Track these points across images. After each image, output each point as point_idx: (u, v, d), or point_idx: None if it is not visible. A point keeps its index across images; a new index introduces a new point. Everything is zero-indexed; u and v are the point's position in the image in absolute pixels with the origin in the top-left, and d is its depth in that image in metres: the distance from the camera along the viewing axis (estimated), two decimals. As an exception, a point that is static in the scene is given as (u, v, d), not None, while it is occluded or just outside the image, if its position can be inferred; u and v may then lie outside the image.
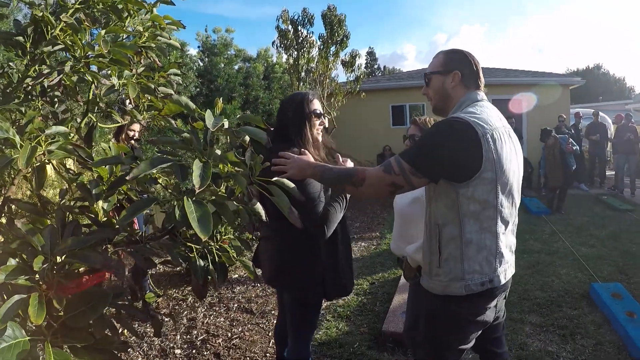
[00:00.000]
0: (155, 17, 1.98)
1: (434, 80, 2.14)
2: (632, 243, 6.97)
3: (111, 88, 1.80)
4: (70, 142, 1.50)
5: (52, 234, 1.22)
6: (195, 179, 1.06)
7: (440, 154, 1.84)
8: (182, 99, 1.28)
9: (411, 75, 16.40)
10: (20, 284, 1.07)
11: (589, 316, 4.39)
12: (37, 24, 1.66)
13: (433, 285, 2.00)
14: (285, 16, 9.93)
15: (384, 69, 54.37)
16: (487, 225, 1.92)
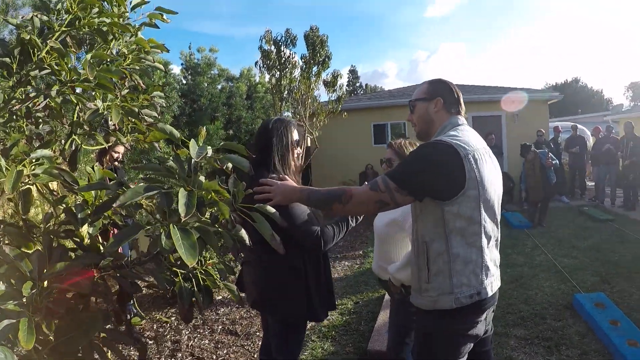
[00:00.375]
0: (139, 41, 2.00)
1: (419, 107, 2.27)
2: (614, 252, 7.09)
3: (96, 111, 1.84)
4: (55, 165, 1.52)
5: (39, 258, 1.24)
6: (181, 208, 1.09)
7: (424, 173, 1.95)
8: (166, 127, 1.30)
9: (392, 94, 16.63)
10: (9, 309, 1.09)
11: (573, 327, 4.46)
12: (23, 46, 1.68)
13: (423, 301, 2.06)
14: (269, 37, 10.02)
15: (366, 87, 54.76)
16: (472, 240, 2.00)
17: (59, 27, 1.74)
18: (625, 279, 5.81)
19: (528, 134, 12.24)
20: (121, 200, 1.12)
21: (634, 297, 5.19)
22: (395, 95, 15.91)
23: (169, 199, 1.21)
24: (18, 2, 5.91)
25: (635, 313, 4.65)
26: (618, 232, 8.50)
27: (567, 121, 22.75)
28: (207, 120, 9.69)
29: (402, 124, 14.27)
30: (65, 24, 1.75)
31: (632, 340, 3.83)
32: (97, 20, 1.82)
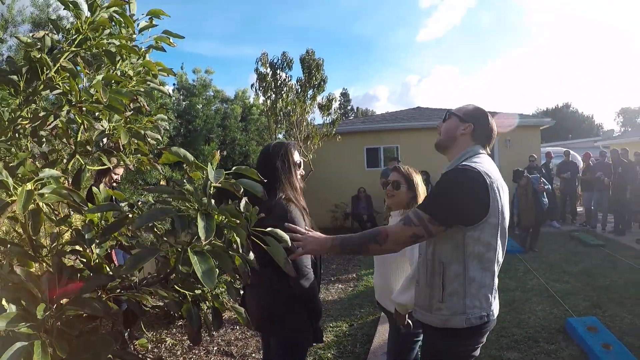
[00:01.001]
0: (147, 64, 2.01)
1: (451, 120, 2.34)
2: (605, 277, 7.14)
3: (102, 132, 1.85)
4: (63, 186, 1.52)
5: (50, 280, 1.24)
6: (201, 232, 1.10)
7: (455, 201, 2.02)
8: (180, 150, 1.31)
9: (385, 118, 16.76)
10: (22, 332, 1.08)
11: (566, 350, 4.49)
12: (31, 64, 1.68)
13: (433, 319, 2.14)
14: (265, 59, 10.05)
15: (357, 110, 55.16)
16: (487, 265, 2.10)
17: (68, 47, 1.75)
18: (617, 304, 5.86)
19: (520, 159, 12.35)
20: (138, 222, 1.13)
21: (625, 321, 5.24)
22: (388, 120, 16.05)
23: (183, 222, 1.22)
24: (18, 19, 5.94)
25: (627, 337, 4.70)
26: (609, 257, 8.56)
27: (557, 146, 23.03)
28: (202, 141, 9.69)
29: (394, 148, 14.36)
30: (75, 44, 1.76)
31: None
32: (106, 42, 1.83)
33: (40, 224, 1.38)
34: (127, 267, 1.15)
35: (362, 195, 12.86)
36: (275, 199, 2.36)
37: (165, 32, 2.01)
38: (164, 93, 2.23)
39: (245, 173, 1.43)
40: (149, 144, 2.06)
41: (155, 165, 2.17)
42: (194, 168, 1.33)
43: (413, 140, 13.83)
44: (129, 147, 2.02)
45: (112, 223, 1.54)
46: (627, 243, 9.90)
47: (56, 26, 1.86)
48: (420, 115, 16.01)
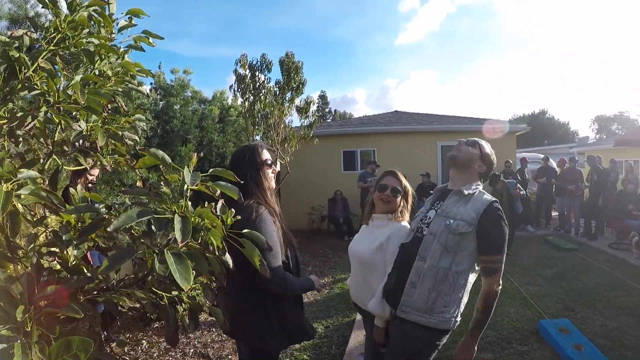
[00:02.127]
0: (126, 64, 2.00)
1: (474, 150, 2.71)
2: (577, 280, 7.30)
3: (80, 133, 1.84)
4: (42, 187, 1.52)
5: (29, 281, 1.24)
6: (177, 234, 1.12)
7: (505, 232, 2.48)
8: (158, 152, 1.33)
9: (362, 122, 16.79)
10: (1, 334, 1.08)
11: (538, 351, 4.59)
12: (9, 63, 1.66)
13: (432, 320, 2.43)
14: (244, 61, 10.00)
15: (335, 113, 55.19)
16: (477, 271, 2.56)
17: (47, 46, 1.74)
18: (588, 306, 6.00)
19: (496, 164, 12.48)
20: (115, 224, 1.14)
21: (596, 323, 5.37)
22: (365, 123, 16.08)
23: (160, 224, 1.24)
24: (-5, 15, 5.86)
25: (598, 338, 4.83)
26: (581, 261, 8.74)
27: (533, 152, 23.32)
28: (179, 142, 9.61)
29: (371, 151, 14.42)
30: (54, 42, 1.75)
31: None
32: (85, 41, 1.83)
33: (19, 225, 1.38)
34: (105, 267, 1.16)
35: (339, 198, 12.91)
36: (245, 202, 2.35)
37: (145, 32, 2.00)
38: (142, 93, 2.23)
39: (222, 175, 1.45)
40: (126, 145, 2.06)
41: (132, 167, 2.18)
42: (171, 170, 1.35)
43: (390, 143, 13.92)
44: (107, 148, 2.02)
45: (89, 224, 1.54)
46: (599, 247, 10.13)
47: (34, 24, 1.85)
48: (397, 120, 16.10)
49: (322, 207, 13.48)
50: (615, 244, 10.08)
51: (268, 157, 2.58)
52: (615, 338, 4.89)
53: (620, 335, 4.96)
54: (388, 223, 2.92)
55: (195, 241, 1.25)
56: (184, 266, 1.13)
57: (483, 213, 2.44)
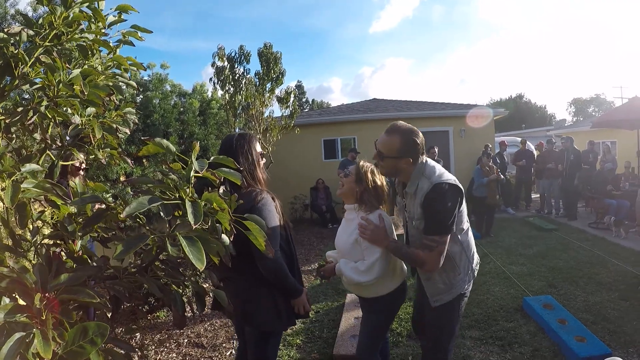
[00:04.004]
0: (118, 58, 2.03)
1: (387, 161, 2.66)
2: (559, 259, 7.49)
3: (76, 126, 1.87)
4: (47, 180, 1.55)
5: (41, 271, 1.28)
6: (190, 217, 1.17)
7: (453, 214, 2.52)
8: (163, 142, 1.37)
9: (342, 110, 16.87)
10: (21, 321, 1.12)
11: (524, 327, 4.74)
12: (4, 59, 1.68)
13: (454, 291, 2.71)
14: (222, 53, 9.95)
15: (312, 102, 54.97)
16: (467, 227, 2.75)
17: (42, 42, 1.76)
18: (570, 283, 6.18)
19: (475, 149, 12.67)
20: (127, 210, 1.19)
21: (578, 299, 5.54)
22: (345, 111, 16.18)
23: (168, 210, 1.28)
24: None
25: (581, 313, 4.99)
26: (562, 240, 8.95)
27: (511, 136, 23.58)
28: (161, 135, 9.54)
29: (352, 139, 14.53)
30: (50, 38, 1.78)
31: (579, 336, 4.15)
32: (78, 36, 1.85)
33: (28, 217, 1.41)
34: (120, 252, 1.20)
35: (321, 187, 12.99)
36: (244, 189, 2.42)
37: (134, 26, 2.03)
38: (132, 87, 2.25)
39: (224, 162, 1.50)
40: (117, 138, 2.09)
41: (125, 159, 2.21)
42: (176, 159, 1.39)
43: (370, 131, 13.96)
44: (101, 141, 2.04)
45: (93, 215, 1.58)
46: (579, 227, 10.37)
47: (28, 21, 1.86)
48: (376, 107, 16.19)
49: (305, 196, 13.55)
50: (595, 223, 10.31)
51: (259, 149, 2.68)
52: (597, 312, 5.05)
53: (602, 310, 5.12)
54: (357, 215, 2.95)
55: (206, 224, 1.30)
56: (197, 248, 1.19)
57: (422, 203, 2.55)
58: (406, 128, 2.63)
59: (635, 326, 4.63)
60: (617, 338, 4.39)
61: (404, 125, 2.65)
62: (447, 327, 2.80)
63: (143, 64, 2.19)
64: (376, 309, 3.03)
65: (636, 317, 4.85)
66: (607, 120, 12.91)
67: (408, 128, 2.64)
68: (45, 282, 1.25)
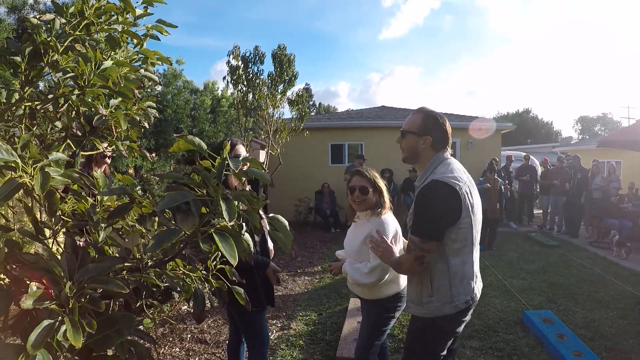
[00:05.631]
0: (145, 52, 2.04)
1: (408, 138, 2.57)
2: (559, 275, 7.53)
3: (101, 117, 1.88)
4: (74, 170, 1.56)
5: (69, 260, 1.28)
6: (225, 214, 1.18)
7: (434, 217, 2.32)
8: (195, 139, 1.38)
9: (350, 116, 16.88)
10: (51, 309, 1.13)
11: (523, 339, 4.77)
12: (35, 45, 1.69)
13: (425, 311, 2.44)
14: (237, 52, 10.00)
15: (320, 106, 55.01)
16: (466, 258, 2.42)
17: (72, 32, 1.77)
18: (569, 299, 6.22)
19: (481, 161, 12.63)
20: (161, 204, 1.20)
21: (577, 315, 5.58)
22: (354, 117, 16.18)
23: (198, 206, 1.30)
24: (-6, 1, 5.80)
25: (579, 329, 5.03)
26: (563, 257, 8.98)
27: (516, 150, 23.57)
28: (172, 131, 9.59)
29: (359, 145, 14.52)
30: (80, 28, 1.78)
31: (577, 351, 4.18)
32: (107, 27, 1.86)
33: (57, 204, 1.41)
34: (152, 245, 1.22)
35: (326, 191, 13.02)
36: None
37: (159, 21, 2.03)
38: (154, 81, 2.26)
39: (251, 163, 1.51)
40: (137, 131, 2.10)
41: (145, 153, 2.22)
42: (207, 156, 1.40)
43: (377, 138, 14.02)
44: (125, 133, 2.05)
45: (118, 208, 1.58)
46: (580, 244, 10.40)
47: (59, 10, 1.87)
48: (385, 114, 16.18)
49: (309, 199, 13.56)
50: (596, 242, 10.32)
51: (241, 153, 2.99)
52: (595, 329, 5.11)
53: (600, 327, 5.17)
54: (369, 220, 3.11)
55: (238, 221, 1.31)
56: (229, 244, 1.20)
57: (415, 198, 2.44)
58: (432, 110, 2.59)
59: (632, 344, 4.69)
60: (614, 355, 4.46)
61: (431, 108, 2.61)
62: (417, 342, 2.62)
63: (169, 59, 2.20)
64: (374, 312, 3.15)
65: (633, 336, 4.92)
66: (613, 140, 12.88)
67: (434, 111, 2.59)
68: (73, 271, 1.26)
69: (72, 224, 1.66)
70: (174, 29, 2.08)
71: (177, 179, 1.43)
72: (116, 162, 6.60)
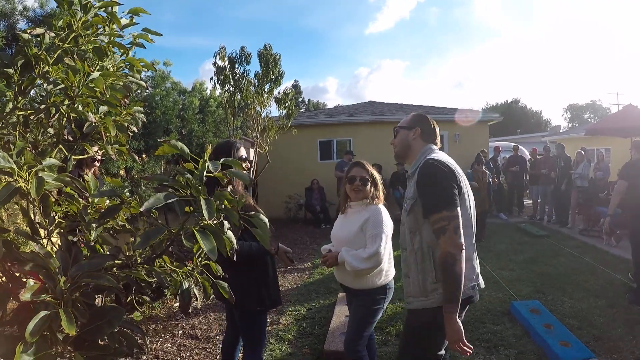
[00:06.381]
0: (131, 60, 2.15)
1: (401, 133, 2.73)
2: (548, 265, 7.64)
3: (90, 124, 1.99)
4: (66, 174, 1.67)
5: (62, 257, 1.40)
6: (205, 212, 1.30)
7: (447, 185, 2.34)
8: (178, 144, 1.48)
9: (338, 112, 17.06)
10: (47, 301, 1.24)
11: (510, 330, 4.87)
12: (27, 58, 1.79)
13: (432, 300, 2.38)
14: (223, 53, 10.09)
15: (309, 102, 54.88)
16: (469, 240, 2.43)
17: (61, 44, 1.87)
18: (558, 289, 6.31)
19: (469, 153, 12.76)
20: (146, 205, 1.30)
21: (566, 305, 5.68)
22: (341, 113, 16.35)
23: (182, 206, 1.41)
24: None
25: (568, 319, 5.12)
26: (553, 246, 9.13)
27: (506, 141, 23.70)
28: (161, 132, 9.65)
29: (347, 141, 14.67)
30: (69, 40, 1.89)
31: (564, 341, 4.27)
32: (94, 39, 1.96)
33: (50, 207, 1.53)
34: (139, 243, 1.32)
35: (316, 187, 13.18)
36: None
37: (145, 29, 2.13)
38: (142, 87, 2.36)
39: (232, 164, 1.62)
40: (126, 135, 2.21)
41: (133, 156, 2.33)
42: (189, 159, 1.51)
43: (366, 133, 14.18)
44: (114, 138, 2.16)
45: (108, 208, 1.69)
46: (570, 234, 10.57)
47: (49, 24, 1.96)
48: (372, 109, 16.33)
49: (299, 196, 13.69)
50: (585, 230, 10.47)
51: (243, 154, 3.03)
52: (584, 318, 5.18)
53: (589, 316, 5.25)
54: (365, 208, 3.28)
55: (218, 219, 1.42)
56: (209, 241, 1.31)
57: (416, 180, 2.45)
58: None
59: (621, 333, 4.74)
60: (602, 344, 4.51)
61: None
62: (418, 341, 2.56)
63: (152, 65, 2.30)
64: (362, 303, 3.27)
65: (622, 324, 4.97)
66: (601, 127, 13.04)
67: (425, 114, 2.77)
68: (67, 266, 1.37)
69: (66, 225, 1.77)
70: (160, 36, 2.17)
71: (163, 181, 1.54)
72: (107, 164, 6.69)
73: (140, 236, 1.33)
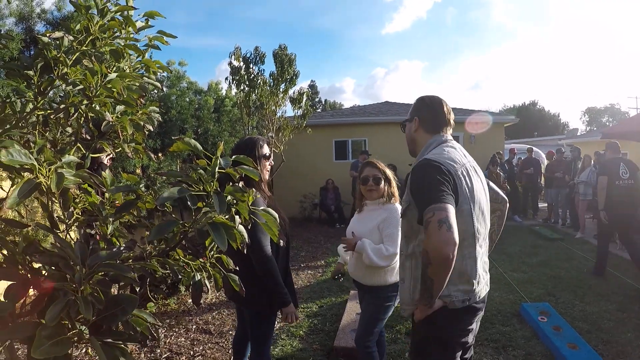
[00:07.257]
0: (147, 62, 2.23)
1: (406, 128, 2.56)
2: (560, 268, 7.60)
3: (108, 123, 2.07)
4: (84, 170, 1.75)
5: (81, 248, 1.47)
6: (216, 206, 1.37)
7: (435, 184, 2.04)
8: (191, 141, 1.56)
9: (354, 112, 17.05)
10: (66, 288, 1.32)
11: (519, 331, 4.88)
12: (46, 60, 1.87)
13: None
14: (238, 53, 10.23)
15: (325, 102, 54.94)
16: (467, 252, 2.16)
17: (79, 47, 1.96)
18: (569, 292, 6.30)
19: (485, 155, 12.72)
20: (161, 199, 1.38)
21: (576, 308, 5.67)
22: (357, 113, 16.35)
23: (194, 200, 1.48)
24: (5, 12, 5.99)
25: (577, 322, 5.11)
26: (566, 250, 9.06)
27: (523, 143, 23.52)
28: (177, 131, 9.81)
29: (362, 141, 14.70)
30: (87, 43, 1.97)
31: (572, 343, 4.27)
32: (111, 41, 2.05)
33: (70, 201, 1.61)
34: (152, 234, 1.40)
35: (330, 187, 13.22)
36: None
37: (160, 32, 2.21)
38: (158, 88, 2.44)
39: (243, 161, 1.69)
40: (142, 134, 2.29)
41: (149, 154, 2.41)
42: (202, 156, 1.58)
43: (381, 134, 14.18)
44: (129, 137, 2.24)
45: (124, 203, 1.78)
46: (584, 238, 10.45)
47: (67, 27, 2.05)
48: (388, 110, 16.30)
49: (314, 196, 13.76)
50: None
51: (267, 152, 3.03)
52: (593, 322, 5.17)
53: (598, 320, 5.23)
54: (382, 207, 3.31)
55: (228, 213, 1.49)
56: (220, 234, 1.38)
57: (409, 182, 2.22)
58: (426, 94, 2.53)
59: (630, 337, 4.73)
60: (610, 348, 4.50)
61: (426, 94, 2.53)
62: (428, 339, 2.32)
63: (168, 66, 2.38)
64: (373, 300, 3.33)
65: (631, 329, 4.95)
66: (618, 131, 12.89)
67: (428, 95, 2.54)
68: (85, 257, 1.45)
69: (84, 219, 1.85)
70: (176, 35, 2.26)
71: (177, 177, 1.62)
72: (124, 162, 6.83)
73: (155, 228, 1.40)
